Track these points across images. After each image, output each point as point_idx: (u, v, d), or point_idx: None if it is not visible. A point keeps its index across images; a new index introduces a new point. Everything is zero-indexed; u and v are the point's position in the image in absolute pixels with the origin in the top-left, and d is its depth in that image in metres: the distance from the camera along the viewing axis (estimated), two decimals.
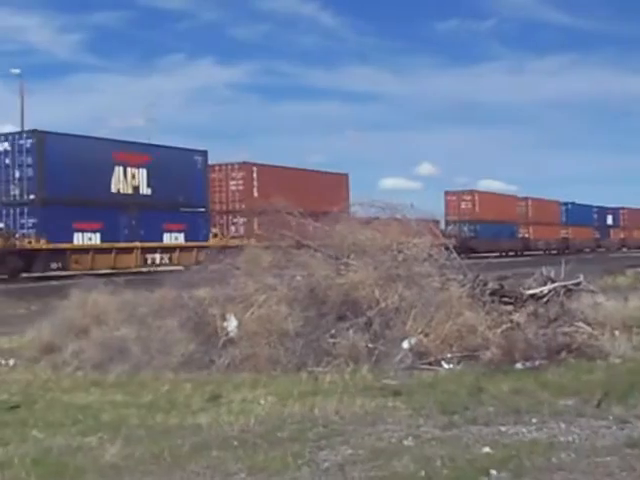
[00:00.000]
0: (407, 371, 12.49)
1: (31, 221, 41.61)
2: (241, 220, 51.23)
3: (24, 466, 7.76)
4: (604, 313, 16.15)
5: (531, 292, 15.59)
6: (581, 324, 14.58)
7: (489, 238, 79.33)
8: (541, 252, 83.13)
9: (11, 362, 14.40)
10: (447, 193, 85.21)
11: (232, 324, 13.67)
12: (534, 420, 9.26)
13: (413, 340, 13.15)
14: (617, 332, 14.81)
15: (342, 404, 10.26)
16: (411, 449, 8.13)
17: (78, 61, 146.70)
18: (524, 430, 8.85)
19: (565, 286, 16.69)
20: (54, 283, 35.83)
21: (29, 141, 41.92)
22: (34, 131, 42.90)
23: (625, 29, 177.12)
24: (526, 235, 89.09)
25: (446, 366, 12.80)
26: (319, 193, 48.96)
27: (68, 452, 8.34)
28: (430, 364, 12.82)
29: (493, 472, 7.25)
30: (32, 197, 41.70)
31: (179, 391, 11.57)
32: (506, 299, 15.15)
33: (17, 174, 42.02)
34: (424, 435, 8.71)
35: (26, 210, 41.84)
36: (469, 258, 59.02)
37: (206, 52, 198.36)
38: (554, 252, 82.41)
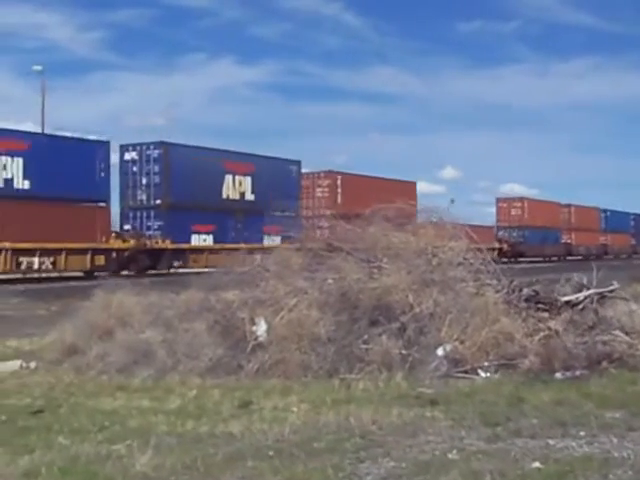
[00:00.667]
0: (442, 379, 12.00)
1: (157, 223, 46.02)
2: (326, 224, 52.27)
3: (52, 475, 7.31)
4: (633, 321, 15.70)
5: (566, 299, 15.08)
6: (619, 332, 14.07)
7: (536, 243, 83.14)
8: (581, 257, 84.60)
9: (32, 365, 13.97)
10: (498, 200, 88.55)
11: (262, 328, 13.25)
12: (582, 433, 8.76)
13: (448, 347, 12.68)
14: None
15: (378, 413, 9.78)
16: (457, 463, 7.63)
17: (99, 59, 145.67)
18: (574, 444, 8.34)
19: (601, 293, 16.23)
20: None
21: (156, 151, 46.06)
22: (161, 142, 46.55)
23: None
24: (568, 241, 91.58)
25: (483, 374, 12.32)
26: (392, 200, 44.98)
27: (96, 460, 7.85)
28: (466, 372, 12.33)
29: None
30: (158, 202, 45.96)
31: (207, 397, 11.12)
32: (541, 305, 14.67)
33: (144, 181, 46.13)
34: (469, 448, 8.21)
35: (152, 213, 46.14)
36: (518, 262, 60.77)
37: (227, 51, 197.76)
38: (593, 258, 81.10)
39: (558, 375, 12.01)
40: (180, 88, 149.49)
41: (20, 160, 38.21)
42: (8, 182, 38.19)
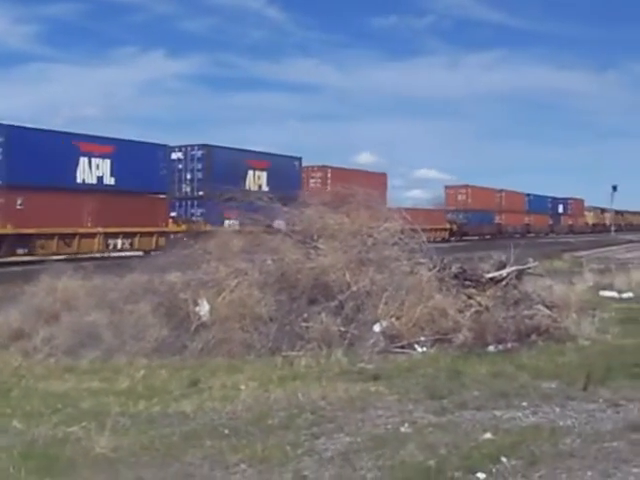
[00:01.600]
0: (381, 355, 11.95)
1: (199, 211, 50.72)
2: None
3: (12, 460, 7.04)
4: (557, 296, 15.77)
5: (491, 275, 15.04)
6: (541, 307, 14.10)
7: (476, 224, 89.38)
8: (509, 235, 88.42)
9: None
10: (447, 187, 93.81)
11: (204, 309, 12.97)
12: (524, 404, 8.82)
13: (385, 323, 12.58)
14: (574, 314, 14.30)
15: (325, 389, 9.72)
16: (411, 436, 7.57)
17: (33, 52, 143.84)
18: (519, 414, 8.39)
19: (522, 270, 16.25)
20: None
21: (200, 152, 51.35)
22: (205, 145, 51.75)
23: (553, 27, 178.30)
24: (500, 221, 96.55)
25: (419, 349, 12.25)
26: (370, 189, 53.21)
27: (55, 444, 7.61)
28: (403, 347, 12.28)
29: (503, 459, 6.71)
30: (201, 193, 50.23)
31: (155, 377, 10.87)
32: (468, 282, 14.60)
33: (188, 176, 51.19)
34: (420, 421, 8.17)
35: (196, 203, 50.96)
36: (462, 240, 66.60)
37: (157, 45, 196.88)
38: (518, 236, 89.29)
39: (491, 348, 12.00)
40: (112, 80, 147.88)
41: (108, 161, 43.35)
42: (100, 179, 42.90)
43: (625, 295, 20.24)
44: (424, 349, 12.24)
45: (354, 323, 12.59)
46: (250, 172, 53.82)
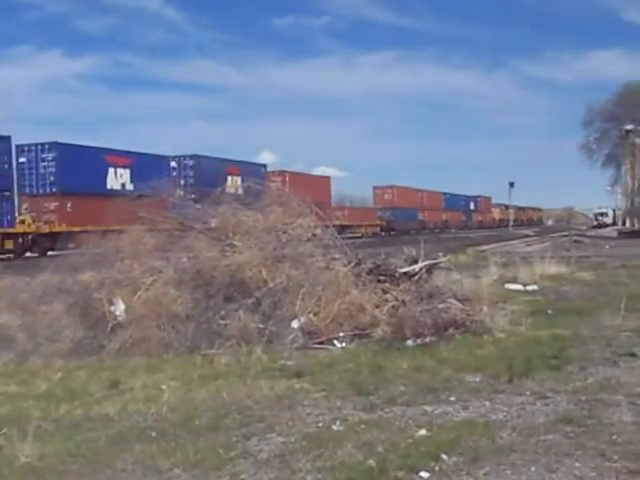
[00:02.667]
0: (301, 351, 11.68)
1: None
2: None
3: None
4: (468, 289, 15.81)
5: (404, 270, 14.96)
6: (453, 300, 14.03)
7: (402, 220, 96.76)
8: (429, 230, 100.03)
9: None
10: (375, 187, 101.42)
11: (120, 308, 12.56)
12: (452, 398, 8.63)
13: (303, 319, 12.34)
14: (485, 307, 14.30)
15: (249, 387, 9.37)
16: (345, 435, 7.28)
17: None
18: (450, 409, 8.18)
19: (435, 264, 16.27)
20: None
21: (191, 161, 59.10)
22: (194, 155, 59.43)
23: (446, 29, 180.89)
24: (422, 218, 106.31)
25: (339, 345, 12.03)
26: (320, 191, 67.54)
27: None
28: (322, 343, 12.04)
29: (444, 456, 6.49)
30: (193, 196, 49.41)
31: (74, 379, 10.39)
32: (382, 277, 14.48)
33: (182, 182, 56.03)
34: (350, 418, 7.90)
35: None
36: (390, 235, 73.83)
37: (54, 44, 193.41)
38: (438, 230, 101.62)
39: (409, 342, 11.84)
40: (9, 79, 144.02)
41: (128, 170, 50.94)
42: (123, 185, 49.82)
43: (530, 288, 20.40)
44: (343, 344, 12.02)
45: (272, 320, 12.31)
46: (229, 178, 57.22)
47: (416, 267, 15.22)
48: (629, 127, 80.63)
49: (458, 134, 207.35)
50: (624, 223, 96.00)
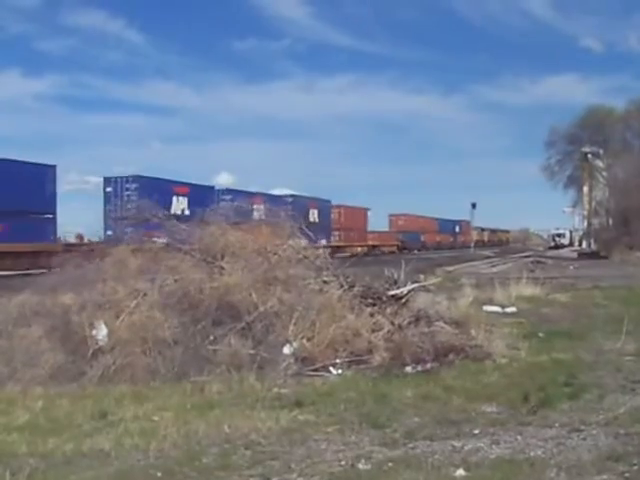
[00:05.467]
0: (295, 378, 11.01)
1: None
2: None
3: None
4: (453, 312, 15.26)
5: (392, 293, 14.34)
6: (442, 324, 13.45)
7: (410, 242, 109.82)
8: (427, 249, 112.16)
9: None
10: (390, 215, 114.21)
11: (102, 332, 11.79)
12: (477, 431, 8.02)
13: (295, 345, 11.68)
14: (473, 331, 13.70)
15: (250, 419, 8.69)
16: (376, 476, 6.62)
17: None
18: (480, 444, 7.55)
19: (423, 286, 15.72)
20: None
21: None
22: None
23: (401, 53, 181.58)
24: (423, 239, 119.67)
25: (335, 372, 11.38)
26: (361, 219, 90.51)
27: None
28: (317, 370, 11.37)
29: None
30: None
31: (57, 408, 9.61)
32: (370, 300, 13.84)
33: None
34: (375, 456, 7.23)
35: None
36: (402, 253, 77.87)
37: (13, 64, 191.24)
38: (432, 250, 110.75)
39: (409, 369, 11.27)
40: None
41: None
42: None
43: (509, 310, 19.92)
44: (340, 371, 11.36)
45: (263, 345, 11.62)
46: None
47: (404, 289, 14.60)
48: (587, 149, 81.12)
49: (417, 156, 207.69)
50: (580, 244, 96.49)
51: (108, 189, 53.34)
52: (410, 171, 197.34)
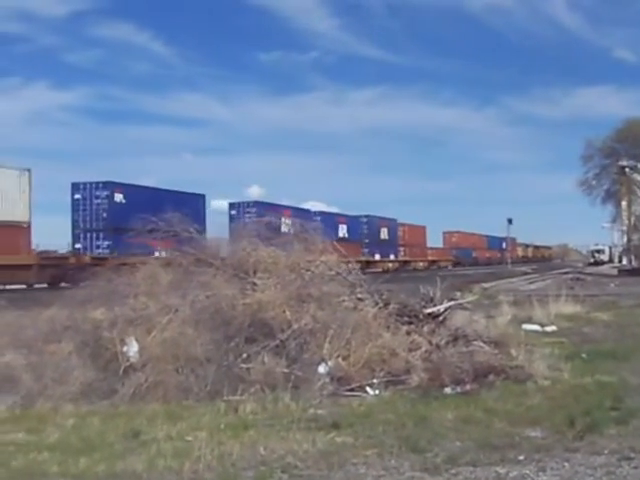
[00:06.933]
0: (331, 398, 11.00)
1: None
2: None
3: None
4: (492, 331, 15.17)
5: (429, 311, 14.31)
6: (480, 343, 13.39)
7: (463, 258, 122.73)
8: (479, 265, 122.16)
9: None
10: (444, 232, 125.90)
11: (133, 348, 11.90)
12: (521, 457, 7.95)
13: (331, 363, 11.69)
14: (513, 350, 13.63)
15: (285, 441, 8.69)
16: None
17: None
18: (526, 471, 7.49)
19: (460, 304, 15.67)
20: None
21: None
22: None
23: (433, 65, 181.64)
24: (475, 255, 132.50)
25: (371, 392, 11.37)
26: (421, 236, 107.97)
27: None
28: (353, 390, 11.36)
29: None
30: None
31: (88, 426, 9.69)
32: (406, 318, 13.82)
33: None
34: None
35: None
36: (456, 268, 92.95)
37: (41, 76, 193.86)
38: (483, 265, 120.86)
39: (448, 390, 11.23)
40: None
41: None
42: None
43: (548, 329, 19.80)
44: (377, 392, 11.35)
45: (298, 364, 11.65)
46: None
47: (441, 307, 14.56)
48: (624, 163, 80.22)
49: (449, 170, 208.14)
50: (620, 260, 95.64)
51: (233, 212, 64.38)
52: (443, 185, 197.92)
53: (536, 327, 19.97)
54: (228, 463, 7.94)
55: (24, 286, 43.58)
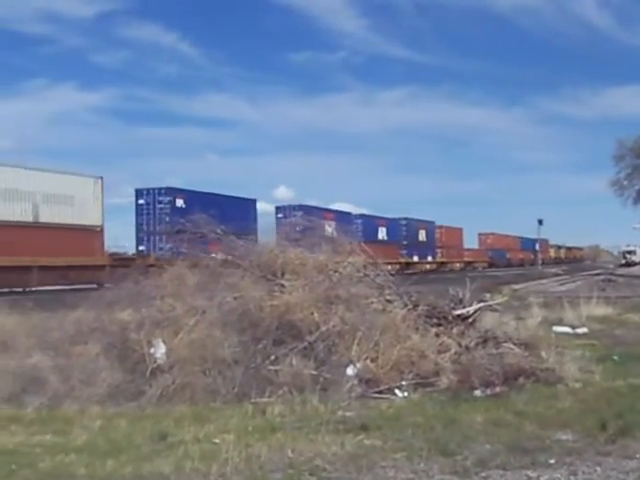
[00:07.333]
0: (359, 400, 10.97)
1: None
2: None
3: None
4: (520, 332, 15.07)
5: (458, 312, 14.24)
6: (510, 345, 13.31)
7: (498, 259, 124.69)
8: (512, 265, 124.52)
9: None
10: (479, 234, 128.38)
11: (160, 350, 11.90)
12: (552, 461, 7.88)
13: (359, 365, 11.65)
14: (543, 353, 13.54)
15: (314, 443, 8.66)
16: None
17: None
18: (557, 475, 7.43)
19: (490, 306, 15.57)
20: None
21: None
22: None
23: (460, 65, 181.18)
24: (508, 256, 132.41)
25: (400, 394, 11.33)
26: (458, 238, 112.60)
27: None
28: (381, 392, 11.32)
29: None
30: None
31: (115, 428, 9.70)
32: (435, 320, 13.76)
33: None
34: None
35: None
36: (490, 269, 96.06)
37: (68, 77, 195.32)
38: (516, 266, 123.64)
39: (478, 393, 11.17)
40: (23, 112, 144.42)
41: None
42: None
43: (579, 330, 19.67)
44: (406, 394, 11.31)
45: (326, 366, 11.63)
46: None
47: (470, 309, 14.49)
48: None
49: (476, 170, 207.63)
50: None
51: (279, 215, 63.57)
52: (470, 185, 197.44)
53: (567, 329, 19.84)
54: (256, 466, 7.91)
55: (95, 285, 44.60)
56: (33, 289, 42.42)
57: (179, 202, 57.13)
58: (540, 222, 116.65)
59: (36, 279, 42.92)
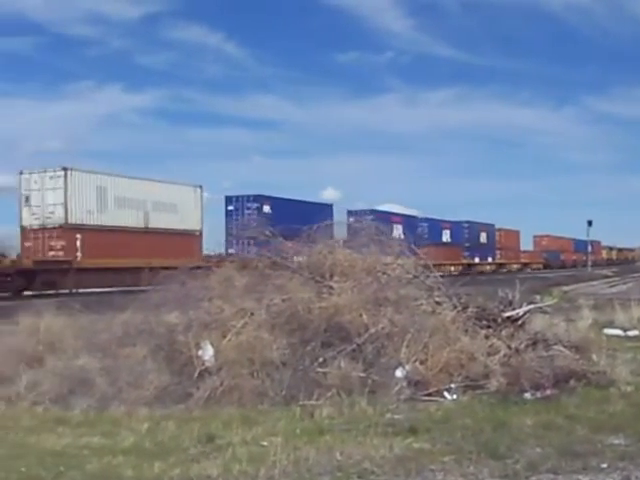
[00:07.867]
0: (408, 403, 10.89)
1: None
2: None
3: None
4: (570, 334, 14.90)
5: (508, 314, 14.09)
6: (561, 347, 13.14)
7: (553, 260, 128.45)
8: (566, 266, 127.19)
9: None
10: (535, 236, 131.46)
11: (208, 352, 11.90)
12: (604, 466, 7.77)
13: (408, 368, 11.57)
14: (594, 355, 13.37)
15: (362, 446, 8.60)
16: None
17: None
18: None
19: (540, 308, 15.42)
20: None
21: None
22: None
23: (509, 65, 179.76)
24: (562, 258, 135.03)
25: (449, 397, 11.24)
26: (515, 240, 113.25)
27: None
28: (430, 395, 11.23)
29: None
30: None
31: (162, 430, 9.69)
32: (485, 322, 13.63)
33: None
34: None
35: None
36: (544, 271, 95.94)
37: (114, 79, 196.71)
38: (570, 266, 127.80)
39: (527, 395, 11.06)
40: (71, 114, 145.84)
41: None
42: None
43: (631, 333, 19.44)
44: (455, 397, 11.23)
45: (375, 368, 11.57)
46: None
47: (520, 311, 14.34)
48: None
49: (526, 171, 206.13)
50: None
51: (351, 219, 60.82)
52: (521, 186, 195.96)
53: (618, 331, 19.63)
54: (304, 468, 7.88)
55: None
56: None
57: (266, 208, 60.30)
58: (589, 223, 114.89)
59: (146, 279, 44.74)
